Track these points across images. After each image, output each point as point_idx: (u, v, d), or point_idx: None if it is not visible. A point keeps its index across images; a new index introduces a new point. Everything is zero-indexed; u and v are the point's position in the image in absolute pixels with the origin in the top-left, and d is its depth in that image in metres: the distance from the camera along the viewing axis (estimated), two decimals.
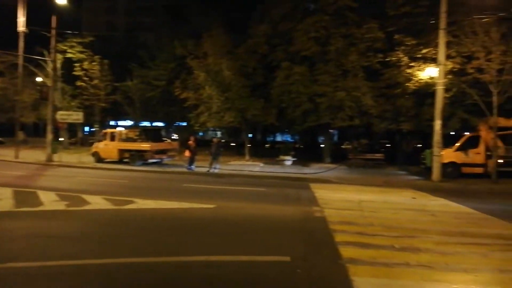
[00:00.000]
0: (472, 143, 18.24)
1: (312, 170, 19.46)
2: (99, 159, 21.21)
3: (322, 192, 12.31)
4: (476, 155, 18.05)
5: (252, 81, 23.92)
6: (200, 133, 36.81)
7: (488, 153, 17.51)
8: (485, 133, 17.92)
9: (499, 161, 16.85)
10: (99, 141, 22.15)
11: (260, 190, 13.08)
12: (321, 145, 29.97)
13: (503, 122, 17.58)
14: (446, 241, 6.72)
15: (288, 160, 23.07)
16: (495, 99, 16.01)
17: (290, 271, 5.26)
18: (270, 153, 27.84)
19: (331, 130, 26.39)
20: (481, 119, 18.18)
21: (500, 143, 17.58)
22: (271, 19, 23.84)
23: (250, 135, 29.87)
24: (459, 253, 6.05)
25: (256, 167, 20.49)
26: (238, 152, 28.74)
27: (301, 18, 22.29)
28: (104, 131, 22.53)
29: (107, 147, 21.14)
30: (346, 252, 5.91)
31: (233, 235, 7.07)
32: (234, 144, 36.25)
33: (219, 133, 43.00)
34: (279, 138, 48.54)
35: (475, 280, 4.99)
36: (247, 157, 24.83)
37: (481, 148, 18.00)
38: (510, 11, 15.16)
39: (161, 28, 41.39)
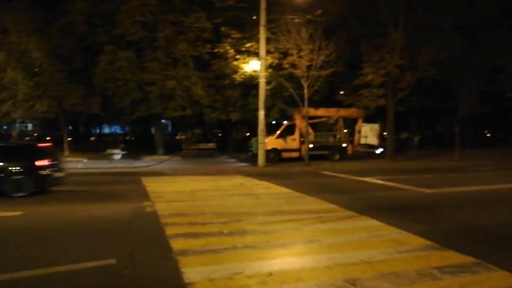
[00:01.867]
0: (290, 130, 20.60)
1: (144, 163, 18.72)
2: None
3: (154, 186, 11.88)
4: (293, 141, 20.48)
5: (69, 65, 21.28)
6: (4, 126, 30.84)
7: (302, 139, 20.09)
8: (299, 122, 20.46)
9: (310, 146, 19.52)
10: None
11: (82, 190, 11.77)
12: (154, 137, 29.16)
13: (312, 111, 20.39)
14: (268, 221, 7.28)
15: (117, 154, 21.63)
16: (305, 91, 18.35)
17: (116, 273, 4.81)
18: (97, 147, 25.60)
19: (163, 121, 25.90)
20: (296, 109, 20.67)
21: (311, 130, 20.38)
22: None
23: (70, 127, 26.66)
24: (278, 230, 6.62)
25: (79, 164, 18.46)
26: (57, 147, 25.30)
27: None
28: None
29: None
30: (177, 244, 5.76)
31: (46, 244, 6.07)
32: (50, 138, 31.79)
33: (30, 126, 37.16)
34: (106, 130, 45.18)
35: (290, 253, 5.51)
36: (66, 152, 22.12)
37: (297, 135, 20.51)
38: (315, 15, 17.46)
39: None
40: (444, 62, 19.80)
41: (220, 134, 32.93)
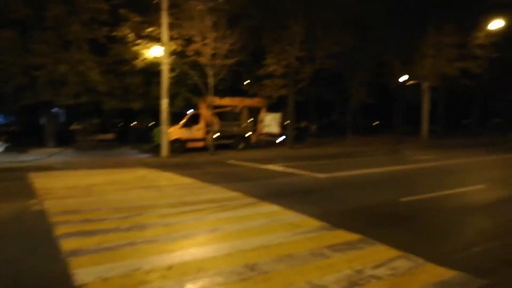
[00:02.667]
0: (194, 120, 20.36)
1: (32, 156, 16.87)
2: None
3: (42, 182, 10.78)
4: (198, 131, 20.30)
5: None
6: None
7: (207, 128, 20.02)
8: (204, 111, 20.33)
9: (215, 135, 19.57)
10: None
11: None
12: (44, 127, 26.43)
13: (218, 101, 20.41)
14: (170, 213, 7.13)
15: None
16: (210, 80, 18.26)
17: None
18: None
19: (55, 109, 23.55)
20: (201, 98, 20.47)
21: (216, 120, 20.40)
22: None
23: None
24: (180, 222, 6.52)
25: None
26: None
27: None
28: None
29: None
30: (68, 244, 5.32)
31: None
32: None
33: None
34: None
35: (192, 244, 5.46)
36: None
37: (202, 124, 20.36)
38: (218, 2, 17.35)
39: None
40: (339, 55, 21.36)
41: (121, 124, 31.16)
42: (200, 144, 20.21)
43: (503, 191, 9.58)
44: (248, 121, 22.46)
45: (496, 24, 22.54)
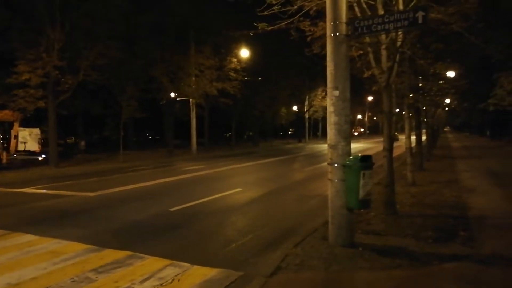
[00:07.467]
0: None
1: None
2: None
3: None
4: None
5: None
6: None
7: None
8: None
9: None
10: None
11: None
12: None
13: None
14: None
15: None
16: None
17: None
18: None
19: None
20: None
21: None
22: None
23: None
24: None
25: None
26: None
27: None
28: None
29: None
30: None
31: None
32: None
33: None
34: None
35: None
36: None
37: None
38: None
39: None
40: (105, 68, 20.48)
41: None
42: None
43: (255, 192, 11.27)
44: None
45: (244, 52, 26.80)
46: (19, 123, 19.89)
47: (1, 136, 19.51)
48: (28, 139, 19.97)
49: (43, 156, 20.44)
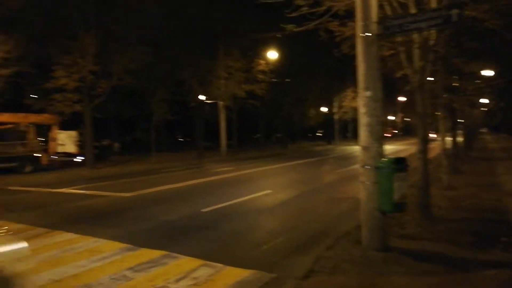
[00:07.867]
0: None
1: None
2: None
3: None
4: None
5: None
6: None
7: None
8: None
9: None
10: None
11: None
12: None
13: None
14: None
15: None
16: None
17: None
18: None
19: None
20: None
21: None
22: None
23: None
24: None
25: None
26: None
27: None
28: None
29: None
30: None
31: None
32: None
33: None
34: None
35: None
36: None
37: None
38: None
39: None
40: (137, 72, 21.02)
41: None
42: None
43: (285, 194, 11.27)
44: (37, 140, 19.59)
45: (272, 54, 26.84)
46: (57, 126, 20.73)
47: (42, 139, 20.38)
48: (66, 141, 20.78)
49: (80, 157, 21.21)
